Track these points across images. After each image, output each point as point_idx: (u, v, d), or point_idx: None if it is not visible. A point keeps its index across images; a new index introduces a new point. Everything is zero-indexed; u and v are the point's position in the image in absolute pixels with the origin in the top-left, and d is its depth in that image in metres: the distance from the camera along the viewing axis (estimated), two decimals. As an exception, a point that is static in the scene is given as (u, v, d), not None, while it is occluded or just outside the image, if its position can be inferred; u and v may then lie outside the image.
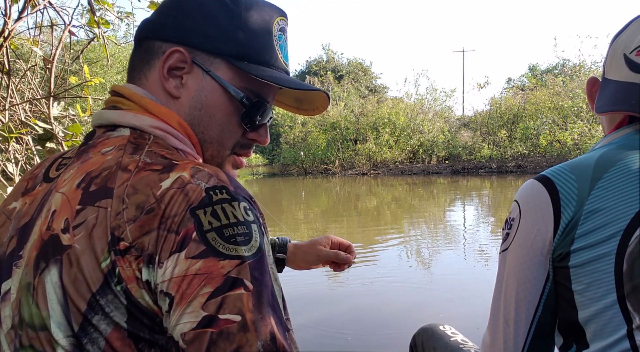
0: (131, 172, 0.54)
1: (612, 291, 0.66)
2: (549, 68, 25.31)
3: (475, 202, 9.45)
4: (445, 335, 1.12)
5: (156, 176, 0.53)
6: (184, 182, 0.52)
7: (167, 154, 0.58)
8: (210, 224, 0.49)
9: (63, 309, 0.49)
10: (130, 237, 0.49)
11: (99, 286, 0.49)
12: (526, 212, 0.74)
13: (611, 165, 0.70)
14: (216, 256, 0.48)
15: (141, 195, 0.51)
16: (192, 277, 0.47)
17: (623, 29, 0.80)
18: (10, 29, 1.96)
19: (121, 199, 0.51)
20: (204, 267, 0.47)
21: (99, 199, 0.52)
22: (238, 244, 0.49)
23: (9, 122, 1.90)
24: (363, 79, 29.05)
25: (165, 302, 0.48)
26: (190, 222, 0.49)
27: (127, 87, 0.65)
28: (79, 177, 0.56)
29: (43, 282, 0.50)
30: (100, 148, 0.60)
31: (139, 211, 0.50)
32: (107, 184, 0.53)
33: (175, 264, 0.48)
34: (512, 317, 0.75)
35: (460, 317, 2.84)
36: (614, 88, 0.78)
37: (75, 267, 0.49)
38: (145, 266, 0.49)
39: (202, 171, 0.54)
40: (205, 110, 0.66)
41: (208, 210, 0.50)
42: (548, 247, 0.72)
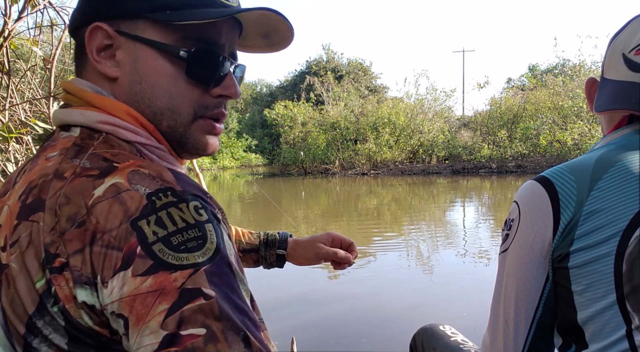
0: (66, 179, 0.49)
1: (612, 292, 0.66)
2: (549, 68, 25.31)
3: (475, 202, 9.45)
4: (445, 335, 1.12)
5: (90, 183, 0.47)
6: (119, 190, 0.46)
7: (110, 155, 0.52)
8: (155, 234, 0.44)
9: (4, 330, 0.48)
10: (64, 254, 0.45)
11: (35, 308, 0.46)
12: (526, 213, 0.74)
13: (610, 166, 0.70)
14: (166, 268, 0.43)
15: (72, 205, 0.46)
16: (144, 296, 0.43)
17: (622, 29, 0.80)
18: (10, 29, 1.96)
19: (53, 211, 0.46)
20: (155, 283, 0.43)
21: (32, 213, 0.48)
22: (190, 251, 0.45)
23: (9, 122, 1.90)
24: (363, 79, 29.03)
25: (120, 324, 0.44)
26: (132, 236, 0.44)
27: (72, 82, 0.60)
28: (22, 188, 0.52)
29: None
30: (48, 152, 0.55)
31: (70, 223, 0.45)
32: (41, 195, 0.49)
33: (123, 283, 0.43)
34: (512, 318, 0.75)
35: (460, 317, 2.84)
36: (613, 87, 0.78)
37: (12, 287, 0.47)
38: (80, 286, 0.45)
39: (141, 174, 0.48)
40: (146, 81, 0.58)
41: (152, 219, 0.45)
42: (547, 248, 0.72)
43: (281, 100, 21.49)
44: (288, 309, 3.03)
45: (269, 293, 3.12)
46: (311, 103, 20.80)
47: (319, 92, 21.96)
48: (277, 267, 1.08)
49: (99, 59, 0.58)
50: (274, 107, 20.67)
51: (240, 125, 28.97)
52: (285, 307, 3.05)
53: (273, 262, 1.07)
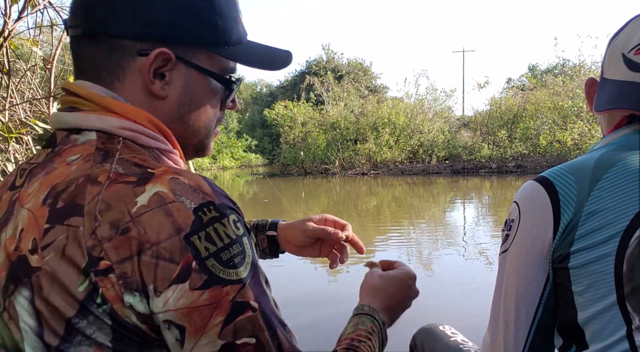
0: (102, 184, 0.50)
1: (612, 292, 0.66)
2: (549, 68, 25.29)
3: (475, 202, 9.45)
4: (445, 335, 1.12)
5: (130, 190, 0.49)
6: (164, 201, 0.49)
7: (140, 160, 0.54)
8: (207, 250, 0.48)
9: (37, 332, 0.48)
10: (109, 258, 0.47)
11: (78, 309, 0.47)
12: (526, 214, 0.74)
13: (611, 166, 0.70)
14: (219, 283, 0.48)
15: (114, 212, 0.48)
16: (201, 309, 0.48)
17: (621, 29, 0.80)
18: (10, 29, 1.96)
19: (93, 216, 0.48)
20: (210, 297, 0.48)
21: (68, 217, 0.49)
22: (236, 267, 0.50)
23: (9, 122, 1.90)
24: (363, 79, 29.02)
25: (175, 332, 0.48)
26: (187, 251, 0.48)
27: (83, 86, 0.60)
28: (43, 192, 0.52)
29: (13, 305, 0.49)
30: (66, 156, 0.56)
31: (114, 230, 0.47)
32: (76, 200, 0.49)
33: (180, 295, 0.48)
34: (512, 319, 0.75)
35: (460, 317, 2.83)
36: (613, 87, 0.78)
37: (48, 290, 0.47)
38: (129, 292, 0.47)
39: (182, 184, 0.51)
40: (195, 104, 0.64)
41: (202, 235, 0.48)
42: (548, 248, 0.72)
43: (281, 100, 21.48)
44: (288, 309, 3.03)
45: (269, 293, 3.12)
46: (311, 103, 20.78)
47: (319, 92, 21.95)
48: (271, 257, 1.02)
49: (154, 80, 0.60)
50: (274, 107, 20.65)
51: (240, 125, 28.96)
52: (285, 307, 3.04)
53: (266, 249, 1.00)
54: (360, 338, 0.70)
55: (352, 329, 0.74)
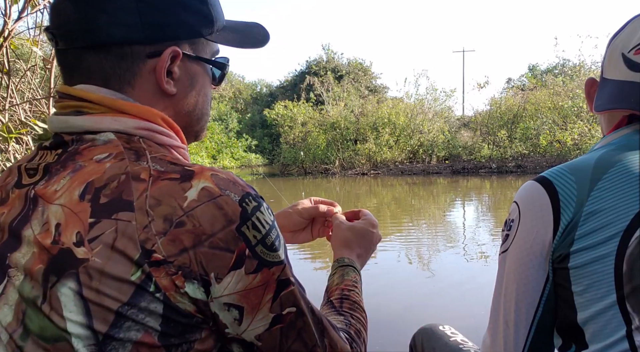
0: (146, 181, 0.53)
1: (612, 292, 0.66)
2: (549, 68, 25.27)
3: (475, 202, 9.45)
4: (445, 335, 1.13)
5: (177, 186, 0.53)
6: (212, 195, 0.53)
7: (172, 159, 0.57)
8: (255, 237, 0.54)
9: (85, 320, 0.50)
10: (163, 251, 0.51)
11: (130, 296, 0.50)
12: (526, 214, 0.74)
13: (610, 166, 0.70)
14: (267, 266, 0.55)
15: (166, 206, 0.51)
16: (256, 290, 0.55)
17: (621, 29, 0.80)
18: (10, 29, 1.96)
19: (144, 211, 0.51)
20: (261, 279, 0.55)
21: (115, 212, 0.51)
22: (277, 250, 0.57)
23: (9, 122, 1.90)
24: (363, 79, 29.00)
25: (234, 312, 0.55)
26: (240, 241, 0.53)
27: (89, 90, 0.61)
28: (78, 188, 0.54)
29: (56, 295, 0.50)
30: (90, 155, 0.57)
31: (168, 223, 0.51)
32: (123, 195, 0.52)
33: (238, 280, 0.54)
34: (512, 319, 0.75)
35: (460, 317, 2.84)
36: (613, 87, 0.78)
37: (97, 280, 0.49)
38: (189, 281, 0.52)
39: (223, 179, 0.55)
40: (200, 95, 0.69)
41: (249, 224, 0.54)
42: (547, 248, 0.72)
43: (281, 100, 21.47)
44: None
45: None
46: (311, 103, 20.78)
47: (319, 92, 21.95)
48: None
49: (167, 79, 0.63)
50: (274, 107, 20.65)
51: (240, 125, 28.94)
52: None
53: None
54: (349, 287, 0.82)
55: (339, 279, 0.84)
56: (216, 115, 27.26)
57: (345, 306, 0.78)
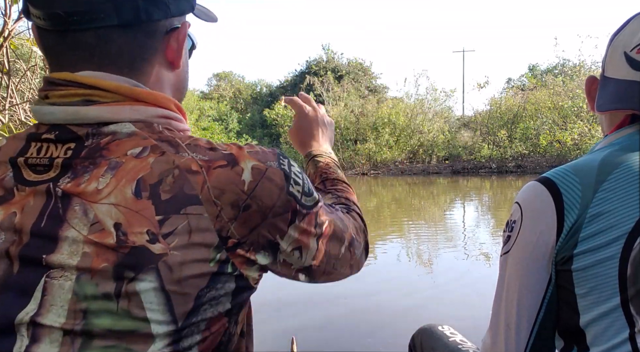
0: (200, 173, 0.55)
1: (616, 295, 0.65)
2: (549, 68, 25.25)
3: (475, 202, 9.45)
4: (444, 335, 1.12)
5: (230, 172, 0.57)
6: (262, 171, 0.58)
7: (205, 143, 0.60)
8: (299, 191, 0.62)
9: (166, 309, 0.52)
10: (237, 235, 0.56)
11: (207, 282, 0.54)
12: (528, 215, 0.73)
13: (615, 168, 0.69)
14: (311, 208, 0.64)
15: (230, 194, 0.56)
16: (307, 230, 0.63)
17: (622, 27, 0.79)
18: (10, 29, 1.96)
19: (212, 202, 0.54)
20: (309, 219, 0.64)
21: (183, 206, 0.53)
22: (313, 193, 0.65)
23: (9, 122, 1.90)
24: (363, 79, 28.99)
25: (296, 253, 0.63)
26: (291, 199, 0.61)
27: (104, 78, 0.58)
28: (129, 186, 0.53)
29: (134, 290, 0.51)
30: (121, 150, 0.56)
31: (236, 209, 0.56)
32: (185, 190, 0.54)
33: (296, 229, 0.62)
34: (513, 321, 0.74)
35: (459, 317, 2.83)
36: (615, 86, 0.77)
37: (178, 271, 0.52)
38: (259, 252, 0.59)
39: (257, 151, 0.61)
40: (187, 67, 0.72)
41: (292, 182, 0.61)
42: (550, 250, 0.71)
43: (281, 101, 21.44)
44: (288, 309, 3.03)
45: (270, 293, 3.12)
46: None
47: (319, 92, 21.95)
48: None
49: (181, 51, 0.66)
50: (274, 107, 20.66)
51: (240, 126, 28.94)
52: (285, 307, 3.05)
53: None
54: (323, 170, 0.95)
55: (313, 169, 0.97)
56: (216, 115, 27.27)
57: (327, 185, 0.92)
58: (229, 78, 36.44)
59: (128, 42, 0.59)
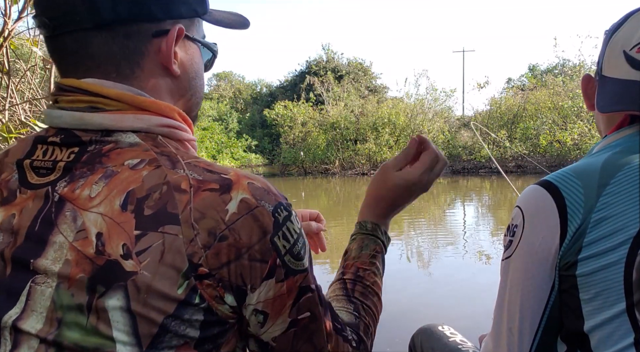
0: (187, 192, 0.53)
1: (621, 300, 0.65)
2: (549, 68, 25.21)
3: (475, 202, 9.45)
4: (444, 335, 1.13)
5: (218, 198, 0.53)
6: (250, 207, 0.54)
7: (205, 165, 0.57)
8: (284, 247, 0.56)
9: (131, 331, 0.50)
10: (208, 264, 0.52)
11: (174, 309, 0.51)
12: (530, 220, 0.72)
13: (617, 171, 0.68)
14: (293, 274, 0.57)
15: (209, 220, 0.52)
16: (282, 297, 0.57)
17: (619, 25, 0.77)
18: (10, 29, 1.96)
19: (190, 225, 0.51)
20: (287, 286, 0.57)
21: (162, 225, 0.51)
22: (302, 259, 0.58)
23: (8, 122, 1.90)
24: (363, 79, 28.99)
25: (259, 317, 0.57)
26: (272, 251, 0.55)
27: (108, 86, 0.58)
28: (118, 197, 0.52)
29: (104, 306, 0.50)
30: (119, 159, 0.55)
31: (212, 237, 0.52)
32: (167, 208, 0.52)
33: (269, 288, 0.56)
34: (516, 326, 0.74)
35: (459, 317, 2.83)
36: (616, 86, 0.76)
37: (145, 293, 0.50)
38: (228, 292, 0.54)
39: (258, 188, 0.56)
40: (199, 77, 0.68)
41: (280, 234, 0.55)
42: (554, 255, 0.70)
43: (281, 100, 21.47)
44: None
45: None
46: (311, 103, 20.77)
47: (319, 92, 21.95)
48: None
49: (174, 59, 0.62)
50: (274, 107, 20.64)
51: (240, 125, 28.92)
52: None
53: None
54: (365, 265, 0.81)
55: (356, 252, 0.83)
56: (216, 115, 27.27)
57: (357, 290, 0.78)
58: (229, 78, 36.42)
59: (106, 44, 0.58)
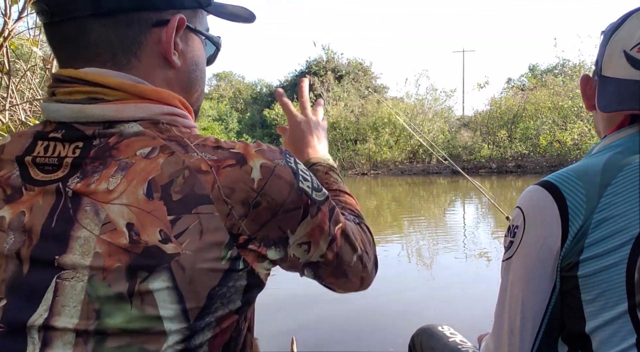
0: (209, 173, 0.55)
1: (623, 301, 0.64)
2: (549, 68, 25.21)
3: (475, 202, 9.45)
4: (444, 335, 1.13)
5: (240, 171, 0.56)
6: (270, 169, 0.58)
7: (212, 142, 0.59)
8: (309, 187, 0.61)
9: (180, 307, 0.52)
10: (247, 231, 0.56)
11: (219, 280, 0.54)
12: (531, 220, 0.72)
13: (619, 171, 0.68)
14: (321, 204, 0.63)
15: (240, 192, 0.55)
16: (319, 226, 0.63)
17: (619, 25, 0.77)
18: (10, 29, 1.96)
19: (222, 201, 0.54)
20: (321, 215, 0.63)
21: (194, 206, 0.53)
22: (322, 189, 0.64)
23: (9, 122, 1.90)
24: (363, 79, 28.97)
25: (304, 247, 0.63)
26: (303, 195, 0.60)
27: (106, 75, 0.58)
28: (140, 187, 0.53)
29: (148, 289, 0.51)
30: (130, 151, 0.55)
31: (246, 207, 0.55)
32: (195, 190, 0.53)
33: (307, 225, 0.61)
34: (517, 327, 0.73)
35: (459, 317, 2.83)
36: (617, 86, 0.76)
37: (190, 270, 0.52)
38: (269, 247, 0.59)
39: (266, 150, 0.60)
40: (199, 69, 0.68)
41: (301, 178, 0.61)
42: (555, 256, 0.70)
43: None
44: (288, 309, 3.03)
45: (269, 293, 3.13)
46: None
47: (319, 92, 21.96)
48: None
49: (174, 50, 0.62)
50: (274, 107, 20.66)
51: (240, 125, 28.93)
52: (285, 307, 3.05)
53: None
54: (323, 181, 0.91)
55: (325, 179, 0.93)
56: (216, 115, 27.27)
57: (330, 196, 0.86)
58: (229, 78, 36.42)
59: (105, 32, 0.58)
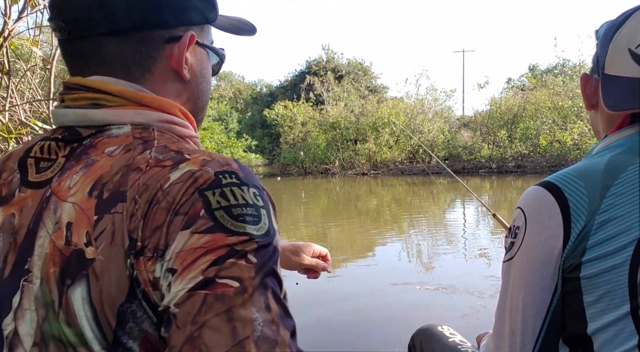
0: (142, 171, 0.51)
1: (626, 303, 0.64)
2: (549, 68, 25.19)
3: (475, 202, 9.45)
4: (444, 335, 1.12)
5: (166, 171, 0.51)
6: (191, 172, 0.50)
7: (177, 147, 0.55)
8: (218, 203, 0.48)
9: (94, 323, 0.48)
10: (141, 236, 0.47)
11: (126, 295, 0.47)
12: (532, 221, 0.71)
13: (621, 172, 0.68)
14: (224, 231, 0.46)
15: (150, 191, 0.49)
16: (197, 251, 0.45)
17: (622, 22, 0.76)
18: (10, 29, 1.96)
19: (133, 200, 0.49)
20: (210, 241, 0.46)
21: (113, 205, 0.49)
22: (247, 223, 0.47)
23: (8, 122, 1.90)
24: (363, 79, 28.97)
25: (168, 278, 0.46)
26: (198, 202, 0.47)
27: (108, 82, 0.59)
28: (89, 185, 0.52)
29: (70, 299, 0.48)
30: (102, 148, 0.55)
31: (147, 205, 0.48)
32: (120, 188, 0.50)
33: (180, 240, 0.46)
34: (518, 328, 0.73)
35: (459, 317, 2.84)
36: (624, 84, 0.74)
37: (101, 280, 0.47)
38: (158, 261, 0.46)
39: (213, 161, 0.52)
40: (207, 81, 0.70)
41: (217, 191, 0.48)
42: (557, 257, 0.69)
43: (281, 100, 21.48)
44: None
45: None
46: (311, 103, 20.78)
47: (319, 92, 21.96)
48: None
49: (185, 64, 0.64)
50: (274, 107, 20.64)
51: (240, 126, 28.93)
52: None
53: None
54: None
55: None
56: (216, 115, 27.25)
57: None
58: (229, 78, 36.41)
59: (120, 49, 0.60)
